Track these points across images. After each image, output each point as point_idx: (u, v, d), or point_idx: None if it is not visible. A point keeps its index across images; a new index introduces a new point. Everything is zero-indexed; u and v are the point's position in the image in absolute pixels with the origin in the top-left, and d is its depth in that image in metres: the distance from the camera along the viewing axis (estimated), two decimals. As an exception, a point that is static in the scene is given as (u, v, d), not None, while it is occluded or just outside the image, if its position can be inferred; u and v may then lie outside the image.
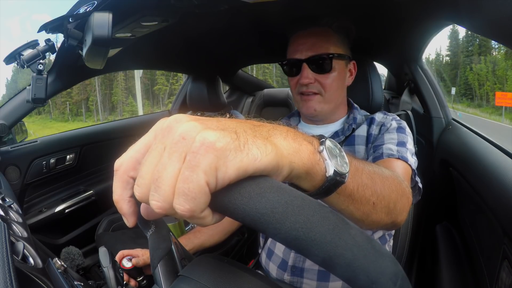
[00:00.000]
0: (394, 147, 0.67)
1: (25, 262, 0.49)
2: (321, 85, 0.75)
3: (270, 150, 0.24)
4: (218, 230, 0.89)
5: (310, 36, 0.75)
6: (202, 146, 0.21)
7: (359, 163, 0.39)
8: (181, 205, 0.21)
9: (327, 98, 0.76)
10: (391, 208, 0.43)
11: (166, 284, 0.37)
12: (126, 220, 0.27)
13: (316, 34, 0.75)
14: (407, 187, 0.51)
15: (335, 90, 0.77)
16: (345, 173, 0.31)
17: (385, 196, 0.41)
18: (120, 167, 0.25)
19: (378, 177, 0.42)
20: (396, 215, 0.45)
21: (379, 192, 0.40)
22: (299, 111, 0.89)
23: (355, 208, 0.37)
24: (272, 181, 0.23)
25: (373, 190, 0.39)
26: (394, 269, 0.21)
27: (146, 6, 0.68)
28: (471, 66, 44.78)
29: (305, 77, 0.74)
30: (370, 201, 0.39)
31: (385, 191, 0.42)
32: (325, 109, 0.78)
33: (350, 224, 0.23)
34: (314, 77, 0.75)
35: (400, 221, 0.47)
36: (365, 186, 0.38)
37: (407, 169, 0.64)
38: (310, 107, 0.77)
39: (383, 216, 0.42)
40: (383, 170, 0.46)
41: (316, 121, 0.83)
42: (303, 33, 0.77)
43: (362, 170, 0.39)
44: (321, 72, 0.75)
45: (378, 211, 0.41)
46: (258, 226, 0.22)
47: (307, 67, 0.74)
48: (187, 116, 0.24)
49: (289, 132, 0.29)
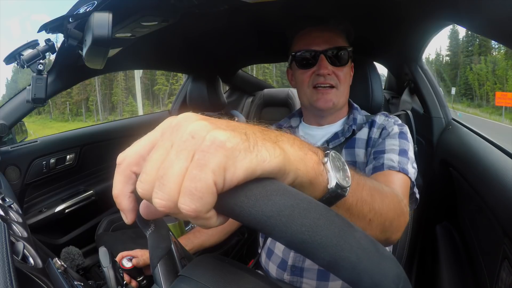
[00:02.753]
0: (396, 158, 0.66)
1: (25, 262, 0.49)
2: (337, 78, 0.76)
3: (279, 153, 0.24)
4: (218, 230, 0.89)
5: (323, 31, 0.76)
6: (212, 145, 0.21)
7: (361, 179, 0.39)
8: (187, 205, 0.21)
9: (342, 91, 0.77)
10: (386, 226, 0.43)
11: (166, 284, 0.37)
12: (124, 217, 0.27)
13: (328, 30, 0.77)
14: (405, 206, 0.52)
15: (347, 84, 0.79)
16: (347, 186, 0.31)
17: (382, 214, 0.41)
18: (123, 161, 0.25)
19: (378, 194, 0.42)
20: (390, 233, 0.45)
21: (377, 209, 0.40)
22: (303, 109, 0.88)
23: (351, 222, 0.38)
24: (279, 184, 0.23)
25: (371, 207, 0.39)
26: (397, 272, 0.21)
27: (146, 6, 0.68)
28: (471, 66, 44.80)
29: (324, 67, 0.74)
30: (366, 217, 0.39)
31: (383, 209, 0.42)
32: (340, 103, 0.79)
33: (355, 227, 0.23)
34: (331, 69, 0.75)
35: (394, 239, 0.47)
36: (364, 202, 0.38)
37: (407, 182, 0.64)
38: (328, 100, 0.76)
39: (378, 233, 0.42)
40: (383, 187, 0.47)
41: (321, 119, 0.82)
42: (315, 28, 0.77)
43: (363, 185, 0.39)
44: (337, 65, 0.76)
45: (373, 228, 0.41)
46: (264, 229, 0.22)
47: (325, 58, 0.74)
48: (197, 115, 0.24)
49: (295, 140, 0.29)
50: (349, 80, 0.80)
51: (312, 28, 0.77)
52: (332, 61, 0.75)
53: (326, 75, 0.75)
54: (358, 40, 0.84)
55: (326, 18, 0.77)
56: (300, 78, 0.79)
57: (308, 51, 0.76)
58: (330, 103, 0.76)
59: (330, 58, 0.75)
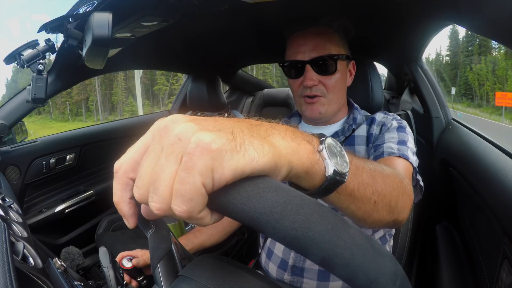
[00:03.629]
0: (395, 146, 0.67)
1: (25, 262, 0.49)
2: (325, 87, 0.74)
3: (268, 151, 0.23)
4: (218, 230, 0.89)
5: (311, 36, 0.74)
6: (198, 148, 0.21)
7: (360, 162, 0.39)
8: (179, 206, 0.21)
9: (330, 99, 0.76)
10: (392, 206, 0.43)
11: (166, 284, 0.37)
12: (126, 222, 0.27)
13: (317, 34, 0.74)
14: (408, 184, 0.51)
15: (338, 91, 0.77)
16: (345, 172, 0.31)
17: (386, 195, 0.41)
18: (119, 168, 0.25)
19: (379, 175, 0.41)
20: (398, 213, 0.45)
21: (380, 191, 0.40)
22: (300, 113, 0.89)
23: (356, 207, 0.37)
24: (271, 180, 0.23)
25: (374, 189, 0.39)
26: (394, 269, 0.21)
27: (146, 6, 0.68)
28: (471, 66, 44.77)
29: (309, 79, 0.73)
30: (371, 200, 0.38)
31: (386, 189, 0.41)
32: (329, 111, 0.77)
33: (349, 223, 0.22)
34: (318, 79, 0.74)
35: (402, 219, 0.47)
36: (366, 185, 0.37)
37: (408, 167, 0.64)
38: (314, 110, 0.76)
39: (385, 215, 0.42)
40: (384, 168, 0.46)
41: (318, 122, 0.83)
42: (302, 33, 0.75)
43: (363, 168, 0.39)
44: (325, 74, 0.74)
45: (380, 210, 0.40)
46: (257, 225, 0.22)
47: (311, 68, 0.73)
48: (184, 116, 0.24)
49: (287, 131, 0.28)
50: (341, 86, 0.77)
51: (299, 33, 0.75)
52: (319, 70, 0.73)
53: (313, 87, 0.74)
54: (358, 40, 0.84)
55: (317, 17, 0.75)
56: (291, 87, 0.80)
57: (294, 62, 0.75)
58: (316, 113, 0.76)
59: (317, 67, 0.73)
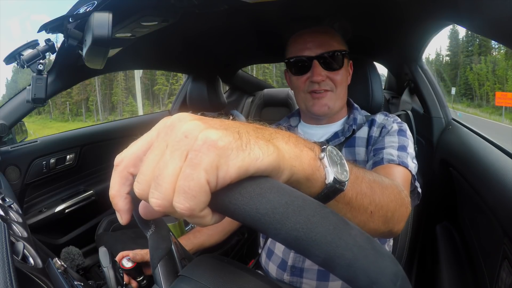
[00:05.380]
0: (395, 152, 0.67)
1: (25, 262, 0.49)
2: (333, 81, 0.75)
3: (272, 151, 0.24)
4: (218, 230, 0.89)
5: (316, 34, 0.75)
6: (204, 145, 0.21)
7: (360, 172, 0.39)
8: (181, 203, 0.21)
9: (338, 94, 0.77)
10: (388, 217, 0.43)
11: (166, 284, 0.37)
12: (119, 217, 0.27)
13: (321, 32, 0.75)
14: (406, 196, 0.51)
15: (344, 86, 0.79)
16: (345, 181, 0.31)
17: (383, 206, 0.41)
18: (120, 162, 0.25)
19: (378, 186, 0.42)
20: (393, 224, 0.45)
21: (377, 201, 0.40)
22: (301, 111, 0.89)
23: (353, 216, 0.37)
24: (273, 181, 0.23)
25: (371, 199, 0.39)
26: (394, 269, 0.21)
27: (146, 6, 0.68)
28: (471, 66, 44.76)
29: (318, 74, 0.74)
30: (368, 210, 0.39)
31: (383, 200, 0.42)
32: (337, 106, 0.78)
33: (351, 224, 0.22)
34: (326, 74, 0.75)
35: (397, 230, 0.47)
36: (364, 195, 0.38)
37: (407, 175, 0.64)
38: (323, 105, 0.76)
39: (380, 225, 0.42)
40: (383, 179, 0.47)
41: (319, 120, 0.82)
42: (308, 31, 0.76)
43: (362, 178, 0.39)
44: (332, 69, 0.75)
45: (376, 220, 0.41)
46: (258, 226, 0.22)
47: (318, 64, 0.74)
48: (191, 115, 0.24)
49: (290, 137, 0.29)
50: (346, 82, 0.79)
51: (305, 31, 0.76)
52: (327, 66, 0.74)
53: (321, 82, 0.74)
54: (358, 40, 0.84)
55: (320, 17, 0.76)
56: (295, 84, 0.79)
57: (302, 57, 0.75)
58: (325, 108, 0.76)
59: (324, 63, 0.74)
